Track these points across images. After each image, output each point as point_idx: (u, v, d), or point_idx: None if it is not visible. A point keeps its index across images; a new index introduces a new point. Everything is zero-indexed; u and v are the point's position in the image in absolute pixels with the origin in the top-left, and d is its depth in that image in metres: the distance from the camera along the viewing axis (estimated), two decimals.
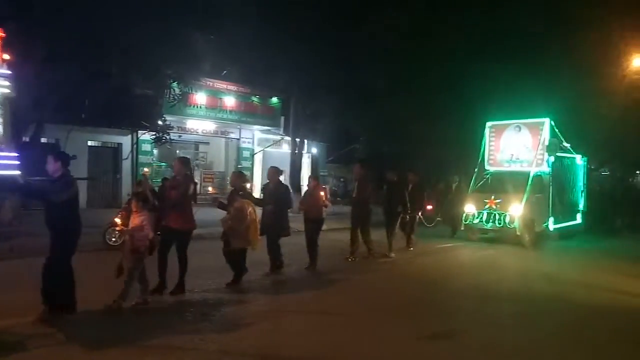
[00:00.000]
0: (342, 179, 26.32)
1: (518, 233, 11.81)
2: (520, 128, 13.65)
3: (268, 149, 22.22)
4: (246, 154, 21.62)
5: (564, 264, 10.49)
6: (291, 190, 18.04)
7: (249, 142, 21.67)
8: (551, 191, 13.05)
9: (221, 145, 21.96)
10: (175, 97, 15.22)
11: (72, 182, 5.45)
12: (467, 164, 14.81)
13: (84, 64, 11.89)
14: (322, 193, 8.73)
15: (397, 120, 19.67)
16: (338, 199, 22.53)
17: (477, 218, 12.48)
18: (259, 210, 7.61)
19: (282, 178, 8.79)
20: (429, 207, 11.17)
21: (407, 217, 10.73)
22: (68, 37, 11.21)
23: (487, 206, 12.40)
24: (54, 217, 5.33)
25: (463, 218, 12.80)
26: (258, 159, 22.05)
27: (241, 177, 7.90)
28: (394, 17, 16.41)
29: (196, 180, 12.15)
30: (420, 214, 11.56)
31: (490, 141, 14.04)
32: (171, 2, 11.91)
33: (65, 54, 11.62)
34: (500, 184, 12.77)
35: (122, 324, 5.52)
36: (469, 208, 12.70)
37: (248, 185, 8.85)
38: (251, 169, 21.55)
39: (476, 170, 13.69)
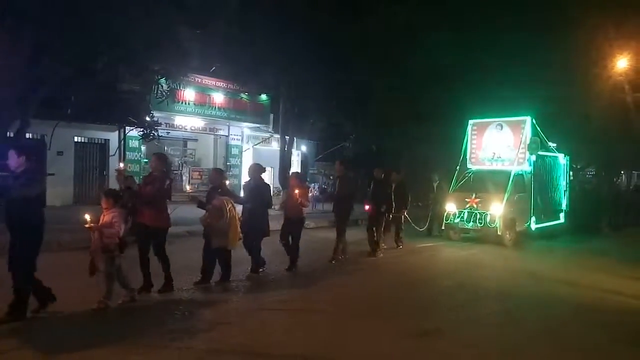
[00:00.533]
0: (331, 177, 26.33)
1: (499, 233, 11.72)
2: (502, 126, 13.48)
3: (257, 146, 22.17)
4: (235, 151, 21.54)
5: (545, 263, 10.45)
6: (280, 189, 18.06)
7: (237, 139, 21.59)
8: (533, 190, 12.96)
9: (210, 142, 21.85)
10: (164, 93, 15.11)
11: (39, 179, 5.31)
12: (456, 162, 14.75)
13: (71, 59, 11.75)
14: (296, 191, 8.23)
15: (387, 119, 19.74)
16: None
17: (458, 217, 12.34)
18: (239, 209, 7.51)
19: (266, 175, 8.66)
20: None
21: (390, 217, 10.50)
22: (54, 32, 11.07)
23: (468, 205, 12.26)
24: (14, 214, 5.13)
25: (444, 217, 12.64)
26: (247, 156, 21.98)
27: (220, 174, 7.67)
28: (383, 15, 16.42)
29: (171, 177, 11.92)
30: (405, 213, 11.32)
31: (472, 139, 13.90)
32: None
33: (52, 49, 11.48)
34: (482, 183, 12.64)
35: (109, 323, 5.48)
36: (450, 207, 12.54)
37: (228, 183, 8.44)
38: (240, 166, 21.49)
39: (457, 168, 13.51)
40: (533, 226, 13.00)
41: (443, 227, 12.87)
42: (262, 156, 21.69)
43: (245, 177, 21.39)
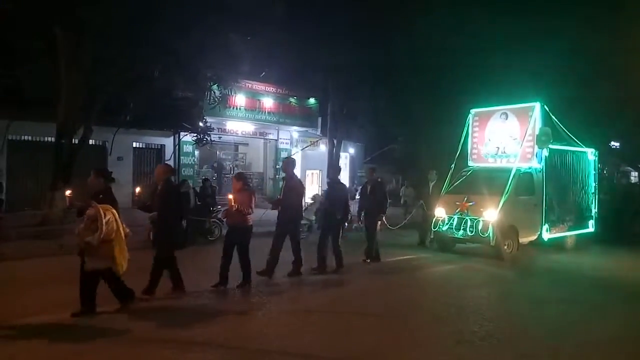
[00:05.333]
0: (379, 180, 26.19)
1: (492, 244, 9.75)
2: (507, 115, 11.22)
3: (306, 150, 22.38)
4: (284, 154, 21.81)
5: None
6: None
7: (286, 143, 21.88)
8: (545, 192, 10.73)
9: (260, 146, 22.26)
10: (216, 99, 15.58)
11: None
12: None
13: (129, 68, 12.35)
14: (230, 197, 6.92)
15: (432, 120, 19.37)
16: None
17: (446, 224, 10.39)
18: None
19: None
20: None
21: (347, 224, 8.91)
22: (113, 42, 11.69)
23: (457, 210, 10.31)
24: None
25: (432, 224, 10.75)
26: (296, 159, 22.20)
27: (102, 175, 6.04)
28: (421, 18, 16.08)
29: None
30: (382, 220, 9.53)
31: (473, 132, 11.78)
32: (210, 6, 12.20)
33: (111, 59, 12.12)
34: (479, 184, 10.61)
35: (160, 319, 5.67)
36: (440, 212, 10.62)
37: (141, 189, 7.17)
38: None
39: (452, 166, 11.47)
40: (545, 236, 10.75)
41: (431, 236, 11.08)
42: (311, 159, 21.88)
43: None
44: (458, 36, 16.37)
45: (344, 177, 23.73)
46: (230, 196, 6.91)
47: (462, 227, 10.10)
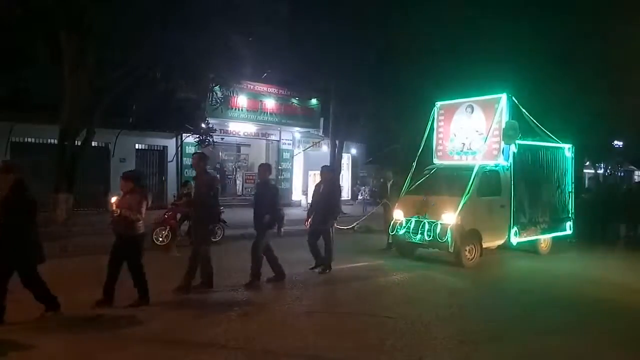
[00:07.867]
0: (382, 180, 26.17)
1: (450, 249, 8.94)
2: (472, 109, 10.34)
3: (308, 150, 22.39)
4: (286, 155, 21.86)
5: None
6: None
7: (289, 144, 21.90)
8: (514, 192, 9.88)
9: (262, 147, 22.28)
10: (218, 101, 15.61)
11: None
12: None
13: (131, 70, 12.39)
14: (112, 200, 5.97)
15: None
16: (378, 200, 22.40)
17: (403, 228, 9.55)
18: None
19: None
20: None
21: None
22: (117, 44, 11.74)
23: (416, 212, 9.50)
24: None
25: (390, 228, 9.98)
26: (298, 160, 22.26)
27: None
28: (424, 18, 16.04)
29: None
30: (334, 225, 8.81)
31: (438, 127, 10.92)
32: (212, 8, 12.23)
33: (115, 61, 12.16)
34: (440, 183, 9.88)
35: (164, 320, 5.68)
36: (398, 215, 9.82)
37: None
38: (291, 170, 21.80)
39: (414, 164, 10.61)
40: (514, 240, 9.90)
41: (390, 240, 10.43)
42: (313, 160, 21.89)
43: (297, 182, 22.00)
44: (462, 35, 16.34)
45: (346, 178, 23.81)
46: (113, 199, 5.94)
47: (419, 231, 9.28)
